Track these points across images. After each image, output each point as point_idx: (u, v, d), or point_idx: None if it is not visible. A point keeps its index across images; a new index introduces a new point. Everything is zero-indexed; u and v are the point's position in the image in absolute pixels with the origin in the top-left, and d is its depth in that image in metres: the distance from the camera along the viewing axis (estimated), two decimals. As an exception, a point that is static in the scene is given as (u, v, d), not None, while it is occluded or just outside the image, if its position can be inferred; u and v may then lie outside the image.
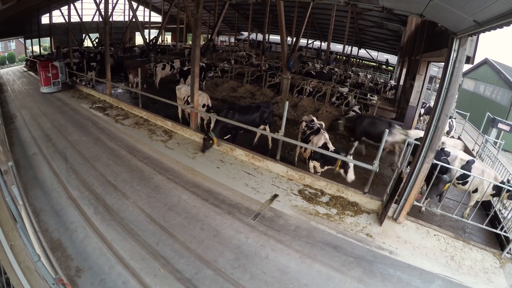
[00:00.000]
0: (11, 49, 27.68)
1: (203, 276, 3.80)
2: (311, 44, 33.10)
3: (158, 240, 4.35)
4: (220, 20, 15.15)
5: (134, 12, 18.16)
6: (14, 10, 11.40)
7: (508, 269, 4.40)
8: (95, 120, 9.32)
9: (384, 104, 15.71)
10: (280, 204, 5.51)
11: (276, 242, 4.51)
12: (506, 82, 18.08)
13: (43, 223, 4.58)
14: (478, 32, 3.63)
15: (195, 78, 8.24)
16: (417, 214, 5.81)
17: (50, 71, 12.28)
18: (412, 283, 3.99)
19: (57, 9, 22.31)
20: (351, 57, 30.19)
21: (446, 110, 4.48)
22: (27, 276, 2.62)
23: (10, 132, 8.12)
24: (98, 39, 25.85)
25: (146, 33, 27.92)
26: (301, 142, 6.81)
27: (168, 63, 15.32)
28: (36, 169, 6.21)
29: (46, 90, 12.50)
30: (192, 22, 7.99)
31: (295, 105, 12.68)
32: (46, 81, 12.50)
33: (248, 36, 32.36)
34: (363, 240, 4.74)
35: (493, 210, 5.95)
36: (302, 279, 3.89)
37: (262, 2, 21.21)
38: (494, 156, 7.36)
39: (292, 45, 13.76)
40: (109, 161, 6.65)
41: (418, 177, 4.88)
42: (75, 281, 3.62)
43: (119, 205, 5.11)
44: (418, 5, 4.58)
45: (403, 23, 18.92)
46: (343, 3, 6.53)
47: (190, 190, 5.70)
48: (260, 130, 7.73)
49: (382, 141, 5.20)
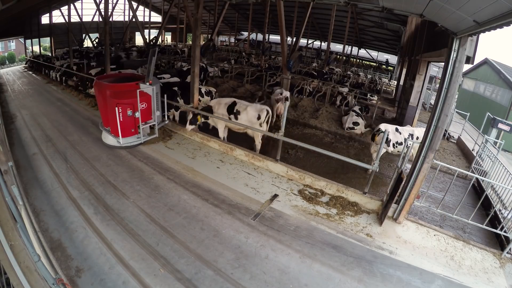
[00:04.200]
0: (11, 49, 27.72)
1: (203, 276, 3.80)
2: (311, 44, 33.11)
3: (158, 240, 4.35)
4: (220, 20, 15.11)
5: (134, 12, 18.14)
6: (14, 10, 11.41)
7: (508, 269, 4.40)
8: (95, 120, 9.31)
9: (384, 104, 15.72)
10: (280, 204, 5.51)
11: (276, 242, 4.51)
12: (506, 82, 18.10)
13: (43, 223, 4.58)
14: (478, 32, 3.63)
15: (195, 78, 8.25)
16: (417, 214, 5.81)
17: (138, 105, 6.58)
18: (412, 283, 3.99)
19: (57, 9, 22.33)
20: (351, 57, 30.20)
21: (446, 110, 4.48)
22: (27, 276, 2.61)
23: (10, 132, 8.12)
24: (98, 39, 25.87)
25: (146, 33, 27.94)
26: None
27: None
28: (36, 169, 6.21)
29: (126, 142, 6.97)
30: (192, 22, 7.99)
31: (295, 105, 12.68)
32: (127, 127, 6.77)
33: (248, 36, 32.38)
34: (363, 240, 4.74)
35: (493, 210, 5.95)
36: (302, 279, 3.89)
37: (262, 2, 21.22)
38: (494, 156, 7.35)
39: (292, 45, 13.76)
40: (109, 161, 6.65)
41: (418, 177, 4.88)
42: (75, 281, 3.62)
43: (119, 205, 5.11)
44: (418, 5, 4.58)
45: (403, 23, 18.93)
46: (343, 3, 6.52)
47: (190, 190, 5.70)
48: (261, 130, 7.71)
49: (382, 142, 5.19)
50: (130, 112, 6.61)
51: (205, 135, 7.92)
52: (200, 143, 7.89)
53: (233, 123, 7.67)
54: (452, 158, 9.47)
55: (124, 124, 6.68)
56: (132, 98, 6.60)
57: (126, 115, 6.59)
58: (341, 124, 10.98)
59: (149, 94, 6.95)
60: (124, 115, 6.57)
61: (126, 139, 6.94)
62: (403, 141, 7.42)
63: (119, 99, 6.52)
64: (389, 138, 7.41)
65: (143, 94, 6.75)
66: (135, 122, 6.88)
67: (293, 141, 6.45)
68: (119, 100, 6.49)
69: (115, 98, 6.51)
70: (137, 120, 6.83)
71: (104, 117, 7.23)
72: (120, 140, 6.70)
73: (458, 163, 9.03)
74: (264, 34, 23.47)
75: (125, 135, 6.83)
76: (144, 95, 6.82)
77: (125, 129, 6.79)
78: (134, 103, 6.64)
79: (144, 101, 6.88)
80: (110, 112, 6.66)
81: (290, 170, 6.44)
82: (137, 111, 6.67)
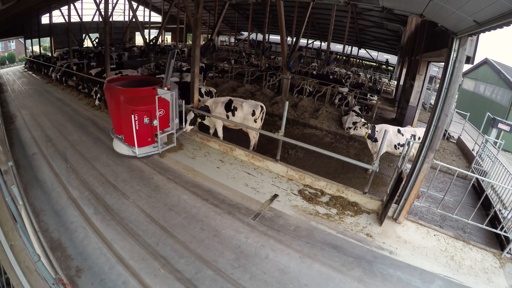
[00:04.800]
0: (11, 49, 27.71)
1: (203, 276, 3.80)
2: (311, 44, 33.10)
3: (158, 240, 4.35)
4: (220, 20, 15.13)
5: (134, 12, 18.17)
6: (14, 10, 11.41)
7: (508, 269, 4.40)
8: (95, 120, 9.31)
9: (384, 104, 15.71)
10: (280, 204, 5.51)
11: (276, 242, 4.51)
12: (506, 82, 18.09)
13: (43, 223, 4.58)
14: (478, 32, 3.63)
15: (195, 78, 8.25)
16: (417, 214, 5.81)
17: (156, 112, 5.97)
18: (412, 283, 3.99)
19: (57, 9, 22.35)
20: (351, 57, 30.20)
21: (446, 110, 4.48)
22: (27, 276, 2.61)
23: (10, 132, 8.12)
24: (98, 39, 25.89)
25: (146, 33, 27.94)
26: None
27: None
28: (36, 169, 6.21)
29: (143, 152, 6.47)
30: (192, 22, 7.99)
31: (295, 105, 12.68)
32: (143, 136, 6.24)
33: (248, 36, 32.38)
34: (363, 240, 4.74)
35: (493, 210, 5.95)
36: (302, 279, 3.89)
37: (262, 2, 21.21)
38: (494, 156, 7.35)
39: (292, 45, 13.76)
40: (109, 161, 6.65)
41: (418, 177, 4.88)
42: (75, 281, 3.62)
43: (119, 205, 5.11)
44: (418, 5, 4.58)
45: (403, 23, 18.93)
46: (343, 3, 6.52)
47: (190, 190, 5.70)
48: (260, 130, 7.72)
49: (383, 142, 5.19)
50: (147, 120, 6.07)
51: (205, 135, 7.93)
52: (200, 143, 7.89)
53: (231, 122, 7.71)
54: (452, 158, 9.47)
55: (140, 133, 6.08)
56: (149, 105, 6.00)
57: (143, 123, 6.02)
58: (341, 124, 10.98)
59: (167, 100, 6.33)
60: (140, 123, 5.99)
61: (142, 149, 6.35)
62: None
63: (135, 106, 5.95)
64: (376, 136, 7.40)
65: (161, 100, 6.09)
66: (152, 130, 6.26)
67: (293, 141, 6.44)
68: (135, 107, 5.92)
69: (130, 105, 5.92)
70: (154, 128, 6.21)
71: (117, 124, 6.59)
72: (136, 151, 6.13)
73: (458, 163, 9.02)
74: (264, 34, 23.48)
75: (141, 144, 6.24)
76: (162, 101, 6.13)
77: (141, 138, 6.19)
78: (152, 110, 6.03)
79: (162, 107, 6.20)
80: (124, 120, 6.13)
81: (290, 170, 6.44)
82: (155, 119, 6.09)
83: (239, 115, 7.83)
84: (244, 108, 7.78)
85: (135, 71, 13.89)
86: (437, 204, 5.55)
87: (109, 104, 6.81)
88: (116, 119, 6.62)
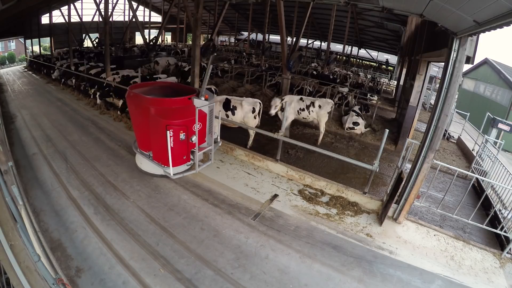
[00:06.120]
0: (11, 49, 27.72)
1: (203, 276, 3.80)
2: (311, 44, 33.10)
3: (158, 240, 4.35)
4: (220, 20, 15.09)
5: (134, 12, 18.13)
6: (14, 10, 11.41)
7: (508, 269, 4.40)
8: (95, 120, 9.32)
9: (384, 104, 15.71)
10: (280, 204, 5.51)
11: (276, 242, 4.50)
12: (506, 82, 18.10)
13: (43, 223, 4.58)
14: (478, 32, 3.63)
15: (195, 78, 8.26)
16: (417, 214, 5.81)
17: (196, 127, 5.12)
18: (412, 283, 3.99)
19: (57, 9, 22.33)
20: (351, 57, 30.20)
21: (446, 110, 4.48)
22: (27, 276, 2.61)
23: (10, 132, 8.12)
24: (98, 39, 25.87)
25: (146, 33, 27.95)
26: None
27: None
28: (36, 169, 6.21)
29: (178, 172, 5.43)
30: (192, 22, 8.00)
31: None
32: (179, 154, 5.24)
33: (248, 36, 32.37)
34: (363, 240, 4.74)
35: (493, 210, 5.95)
36: (302, 279, 3.89)
37: (262, 2, 21.20)
38: (494, 156, 7.35)
39: (292, 45, 13.75)
40: (109, 161, 6.65)
41: (418, 177, 4.88)
42: (75, 281, 3.61)
43: (119, 205, 5.11)
44: (418, 5, 4.58)
45: (403, 23, 18.92)
46: (343, 3, 6.53)
47: (190, 190, 5.70)
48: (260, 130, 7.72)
49: (382, 142, 5.19)
50: (183, 135, 5.08)
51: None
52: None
53: (230, 121, 7.72)
54: (452, 158, 9.47)
55: (176, 151, 5.06)
56: (185, 118, 5.04)
57: (178, 139, 5.04)
58: (341, 124, 10.98)
59: (204, 112, 5.32)
60: (175, 140, 5.01)
61: (177, 168, 5.32)
62: (305, 107, 9.06)
63: (170, 120, 4.97)
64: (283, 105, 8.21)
65: (200, 112, 5.10)
66: (188, 147, 5.29)
67: (293, 141, 6.45)
68: (170, 121, 4.95)
69: (164, 118, 4.96)
70: (190, 145, 5.25)
71: (143, 138, 5.62)
72: (170, 171, 5.05)
73: (458, 163, 9.03)
74: (264, 34, 23.47)
75: (176, 164, 5.19)
76: (199, 113, 5.09)
77: (176, 157, 5.13)
78: (189, 125, 5.08)
79: (200, 121, 5.20)
80: (154, 134, 5.22)
81: (290, 170, 6.44)
82: (194, 135, 5.14)
83: (239, 114, 7.90)
84: (244, 106, 7.86)
85: (132, 71, 13.84)
86: (437, 204, 5.55)
87: (133, 115, 5.82)
88: (142, 133, 5.61)
